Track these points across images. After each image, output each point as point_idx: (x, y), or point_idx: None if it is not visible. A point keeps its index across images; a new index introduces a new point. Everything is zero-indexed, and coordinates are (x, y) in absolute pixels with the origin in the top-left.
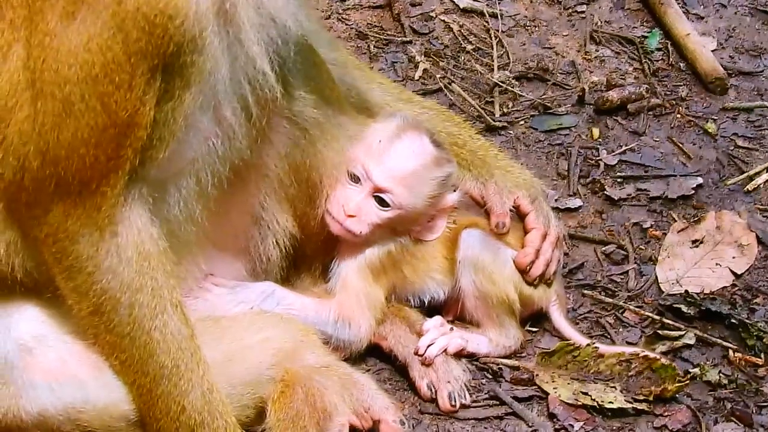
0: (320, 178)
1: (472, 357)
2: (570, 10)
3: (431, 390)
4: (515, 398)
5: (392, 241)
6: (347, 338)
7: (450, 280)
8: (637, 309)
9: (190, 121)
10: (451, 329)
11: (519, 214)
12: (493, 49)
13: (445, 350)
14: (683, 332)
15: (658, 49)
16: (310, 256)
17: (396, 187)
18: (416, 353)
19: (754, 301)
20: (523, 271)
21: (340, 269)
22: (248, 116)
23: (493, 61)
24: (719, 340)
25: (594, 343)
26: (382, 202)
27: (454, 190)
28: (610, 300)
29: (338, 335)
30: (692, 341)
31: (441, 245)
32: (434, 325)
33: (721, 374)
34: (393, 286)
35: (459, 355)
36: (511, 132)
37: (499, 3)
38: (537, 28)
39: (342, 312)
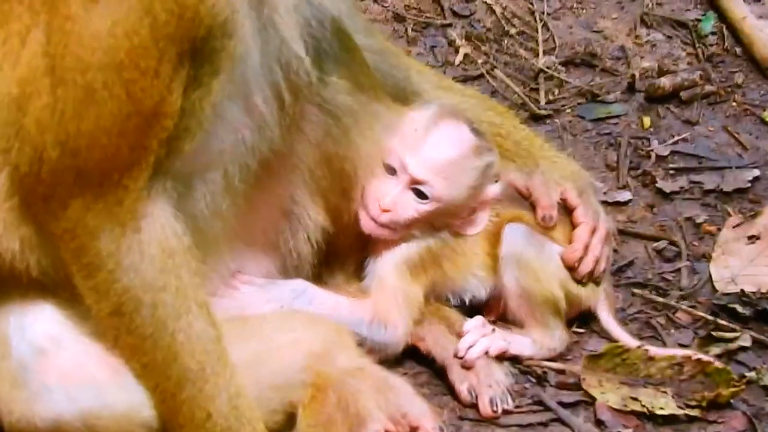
0: (354, 170)
1: (515, 360)
2: None
3: (471, 395)
4: (560, 403)
5: (431, 236)
6: (383, 340)
7: (492, 278)
8: (689, 309)
9: (218, 110)
10: (493, 330)
11: (566, 208)
12: (538, 32)
13: (487, 352)
14: (738, 334)
15: (713, 33)
16: (344, 253)
17: (434, 178)
18: (456, 356)
19: None
20: (571, 268)
21: (376, 266)
22: (280, 104)
23: (538, 45)
24: None
25: (644, 345)
26: (420, 195)
27: (496, 181)
28: (662, 299)
29: (373, 337)
30: (748, 343)
31: (483, 240)
32: (475, 325)
33: None
34: (432, 284)
35: (501, 357)
36: (557, 121)
37: None
38: (584, 11)
39: (377, 312)
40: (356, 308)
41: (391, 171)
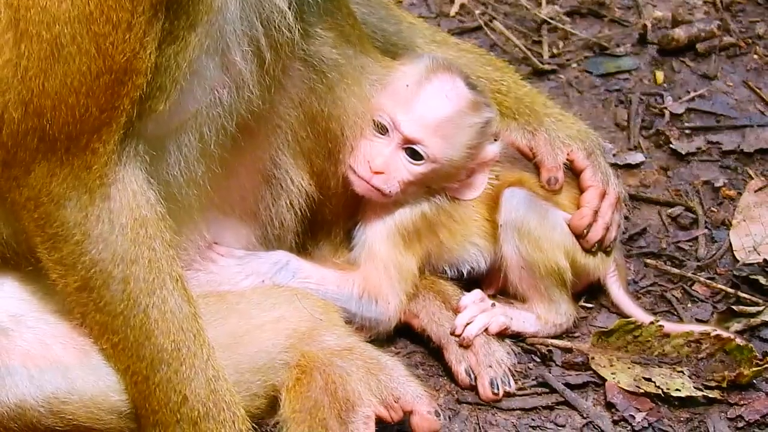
0: (341, 129)
1: (517, 337)
2: None
3: (470, 376)
4: (567, 385)
5: (426, 200)
6: (373, 316)
7: (492, 246)
8: (708, 281)
9: (194, 67)
10: (493, 305)
11: (573, 171)
12: None
13: (486, 330)
14: (762, 308)
15: None
16: (330, 221)
17: (428, 137)
18: (453, 333)
19: None
20: (580, 236)
21: (366, 235)
22: (260, 62)
23: None
24: None
25: (658, 320)
26: (413, 155)
27: (495, 140)
28: (677, 271)
29: (363, 313)
30: None
31: (482, 205)
32: (473, 300)
33: None
34: (427, 255)
35: (502, 335)
36: (562, 76)
37: None
38: None
39: (367, 286)
40: (344, 282)
41: (382, 130)
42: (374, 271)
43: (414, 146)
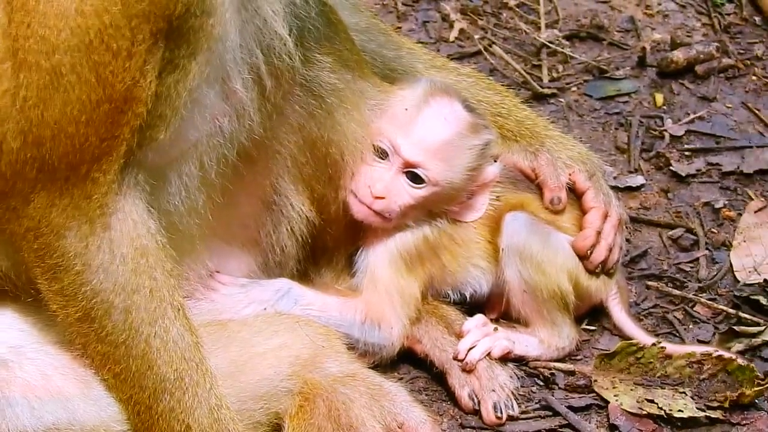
0: (341, 154)
1: (520, 361)
2: None
3: (473, 400)
4: (570, 408)
5: (427, 224)
6: (376, 341)
7: (495, 268)
8: (709, 302)
9: (195, 96)
10: (496, 329)
11: (574, 193)
12: (539, 4)
13: (489, 354)
14: (762, 328)
15: (730, 1)
16: (332, 247)
17: (429, 160)
18: (456, 358)
19: None
20: (583, 257)
21: (368, 261)
22: (261, 90)
23: (539, 18)
24: None
25: (660, 342)
26: (414, 179)
27: (495, 161)
28: (679, 292)
29: (366, 339)
30: None
31: (484, 227)
32: (476, 324)
33: None
34: (430, 278)
35: (505, 359)
36: (562, 100)
37: None
38: None
39: (370, 311)
40: (346, 308)
41: (382, 155)
42: (377, 296)
43: (414, 170)
